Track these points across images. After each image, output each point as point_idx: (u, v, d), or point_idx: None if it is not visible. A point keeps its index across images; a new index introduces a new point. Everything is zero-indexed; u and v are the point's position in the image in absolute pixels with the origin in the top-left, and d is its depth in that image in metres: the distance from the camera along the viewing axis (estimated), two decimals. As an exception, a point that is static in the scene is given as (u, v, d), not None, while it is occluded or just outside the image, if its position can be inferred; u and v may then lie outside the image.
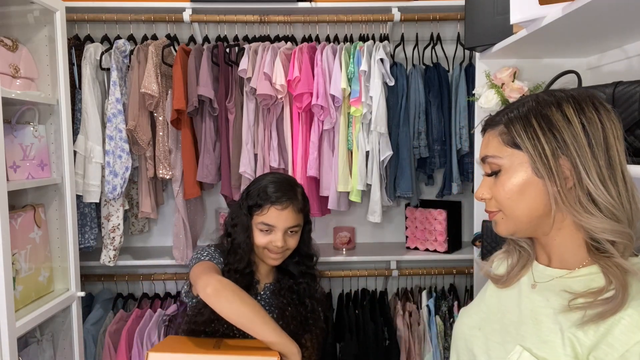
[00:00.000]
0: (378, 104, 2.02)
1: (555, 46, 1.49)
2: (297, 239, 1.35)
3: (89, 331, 2.07)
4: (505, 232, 0.81)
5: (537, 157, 0.73)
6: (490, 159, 0.79)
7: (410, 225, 2.33)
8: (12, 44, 1.64)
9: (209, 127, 2.09)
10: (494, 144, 0.79)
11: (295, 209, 1.32)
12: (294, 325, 1.33)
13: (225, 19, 2.11)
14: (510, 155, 0.77)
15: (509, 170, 0.77)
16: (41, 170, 1.71)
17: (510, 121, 0.77)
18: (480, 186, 0.82)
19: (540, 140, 0.73)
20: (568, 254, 0.78)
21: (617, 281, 0.69)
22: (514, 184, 0.76)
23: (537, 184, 0.75)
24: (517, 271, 0.86)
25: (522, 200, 0.76)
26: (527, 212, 0.76)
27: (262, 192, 1.33)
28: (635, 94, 1.03)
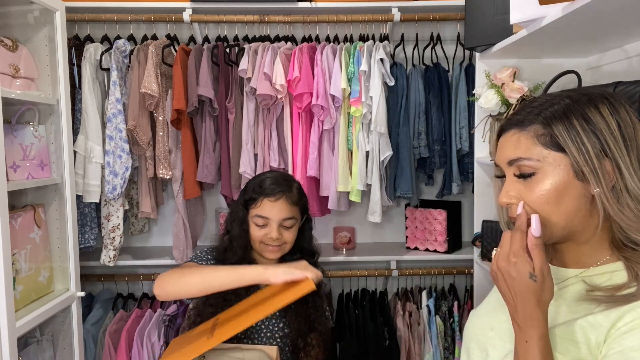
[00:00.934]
0: (378, 104, 2.02)
1: (555, 46, 1.49)
2: (293, 233, 1.36)
3: (89, 331, 2.08)
4: None
5: (581, 159, 0.70)
6: (524, 162, 0.73)
7: (410, 225, 2.33)
8: (12, 44, 1.64)
9: (209, 127, 2.09)
10: (527, 145, 0.74)
11: (289, 201, 1.33)
12: (299, 323, 1.33)
13: (225, 19, 2.11)
14: (547, 156, 0.72)
15: (547, 173, 0.72)
16: (41, 170, 1.71)
17: (548, 121, 0.73)
18: (505, 190, 0.76)
19: (584, 142, 0.70)
20: (587, 254, 0.77)
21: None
22: (552, 188, 0.72)
23: (576, 187, 0.72)
24: None
25: (560, 205, 0.72)
26: (564, 217, 0.73)
27: (257, 186, 1.36)
28: (635, 94, 1.04)
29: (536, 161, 0.73)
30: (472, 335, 0.90)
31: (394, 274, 2.27)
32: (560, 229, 0.74)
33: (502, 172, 0.79)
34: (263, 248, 1.35)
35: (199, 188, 2.12)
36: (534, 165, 0.73)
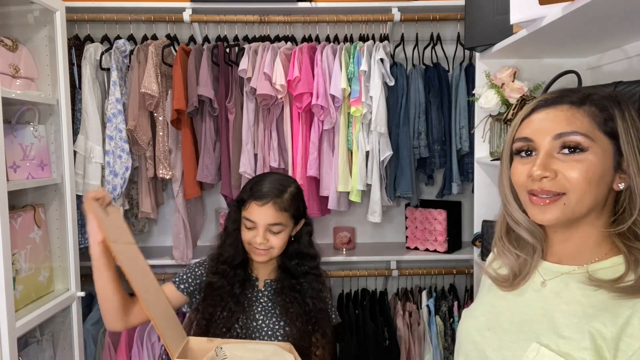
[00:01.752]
0: (378, 104, 2.02)
1: (555, 46, 1.49)
2: (281, 239, 1.33)
3: (89, 331, 2.07)
4: (555, 220, 0.74)
5: (629, 149, 0.71)
6: (578, 137, 0.72)
7: (410, 225, 2.33)
8: (12, 44, 1.64)
9: (209, 127, 2.09)
10: (583, 122, 0.72)
11: (276, 207, 1.30)
12: (301, 323, 1.33)
13: (225, 19, 2.11)
14: (599, 139, 0.72)
15: (598, 154, 0.72)
16: (41, 170, 1.71)
17: (605, 106, 0.73)
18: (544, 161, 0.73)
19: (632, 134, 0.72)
20: (587, 249, 0.77)
21: None
22: (599, 169, 0.71)
23: (610, 176, 0.73)
24: (523, 276, 0.83)
25: (596, 188, 0.72)
26: (592, 202, 0.73)
27: (249, 187, 1.35)
28: (635, 94, 1.04)
29: (590, 140, 0.72)
30: (468, 337, 0.88)
31: (394, 274, 2.27)
32: (584, 210, 0.73)
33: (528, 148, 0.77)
34: (251, 250, 1.34)
35: (199, 188, 2.12)
36: (587, 143, 0.72)
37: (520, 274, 0.83)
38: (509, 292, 0.85)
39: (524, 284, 0.83)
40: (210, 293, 1.33)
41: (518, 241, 0.85)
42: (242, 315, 1.33)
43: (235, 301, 1.32)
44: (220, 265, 1.36)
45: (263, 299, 1.38)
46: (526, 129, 0.78)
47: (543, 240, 0.83)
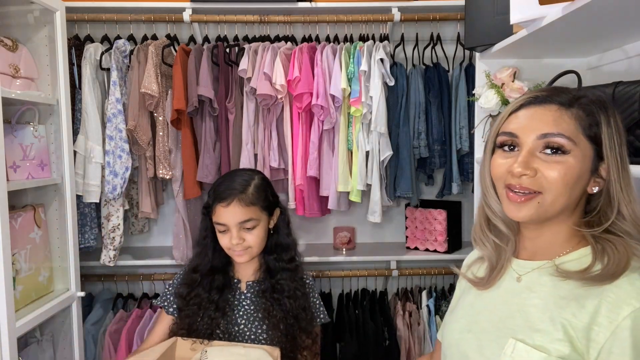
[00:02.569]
0: (378, 104, 2.02)
1: (555, 46, 1.49)
2: (257, 235, 1.30)
3: (89, 331, 2.08)
4: (528, 217, 0.77)
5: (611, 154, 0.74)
6: (563, 140, 0.73)
7: (410, 225, 2.33)
8: (12, 44, 1.64)
9: (209, 127, 2.09)
10: (569, 125, 0.74)
11: (242, 203, 1.27)
12: (283, 326, 1.30)
13: (225, 19, 2.11)
14: (581, 142, 0.74)
15: (578, 157, 0.74)
16: (41, 170, 1.71)
17: (591, 110, 0.75)
18: (525, 159, 0.75)
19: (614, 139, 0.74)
20: (557, 244, 0.79)
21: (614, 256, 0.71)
22: (577, 172, 0.73)
23: (587, 179, 0.76)
24: (497, 271, 0.85)
25: (572, 190, 0.74)
26: (565, 203, 0.75)
27: (212, 191, 1.33)
28: (635, 94, 1.04)
29: (573, 143, 0.73)
30: (452, 341, 0.89)
31: (394, 274, 2.27)
32: (557, 210, 0.76)
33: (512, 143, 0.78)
34: (231, 253, 1.32)
35: (199, 188, 2.11)
36: (568, 147, 0.73)
37: (497, 266, 0.85)
38: (486, 292, 0.87)
39: (499, 282, 0.85)
40: (185, 304, 1.32)
41: (495, 231, 0.87)
42: (222, 320, 1.31)
43: (214, 307, 1.30)
44: (192, 275, 1.35)
45: (245, 301, 1.36)
46: (512, 124, 0.79)
47: (516, 233, 0.85)
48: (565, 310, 0.72)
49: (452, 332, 0.90)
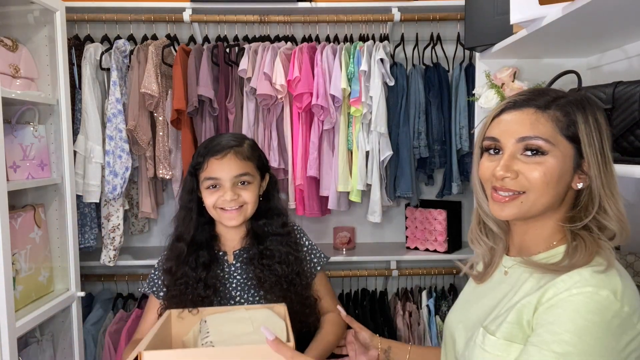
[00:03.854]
0: (378, 104, 2.02)
1: (555, 46, 1.49)
2: (252, 192, 1.23)
3: (89, 331, 2.08)
4: (512, 216, 0.81)
5: (590, 152, 0.76)
6: (539, 142, 0.77)
7: (410, 225, 2.33)
8: (12, 44, 1.64)
9: (209, 127, 2.09)
10: (546, 127, 0.77)
11: (239, 157, 1.21)
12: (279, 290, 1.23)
13: (225, 19, 2.11)
14: (560, 142, 0.77)
15: (557, 157, 0.77)
16: (41, 170, 1.71)
17: (569, 111, 0.78)
18: (507, 162, 0.79)
19: (594, 137, 0.77)
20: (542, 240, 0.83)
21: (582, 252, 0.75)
22: (557, 172, 0.77)
23: (569, 177, 0.78)
24: (491, 268, 0.91)
25: (554, 189, 0.78)
26: (549, 200, 0.78)
27: (202, 148, 1.25)
28: (635, 94, 1.04)
29: (550, 144, 0.77)
30: (449, 328, 0.96)
31: (394, 274, 2.27)
32: (540, 209, 0.79)
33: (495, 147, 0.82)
34: (221, 214, 1.22)
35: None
36: (547, 147, 0.77)
37: (490, 263, 0.91)
38: (479, 286, 0.93)
39: (491, 277, 0.91)
40: (172, 282, 1.24)
41: (488, 231, 0.92)
42: (215, 297, 1.23)
43: (203, 285, 1.22)
44: (177, 244, 1.26)
45: (237, 272, 1.29)
46: (495, 129, 0.83)
47: (507, 232, 0.90)
48: (526, 298, 0.76)
49: (450, 321, 0.97)
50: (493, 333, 0.77)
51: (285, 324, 1.02)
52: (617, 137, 1.07)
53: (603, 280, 0.70)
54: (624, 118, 1.06)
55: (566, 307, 0.70)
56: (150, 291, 1.34)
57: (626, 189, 1.49)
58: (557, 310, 0.70)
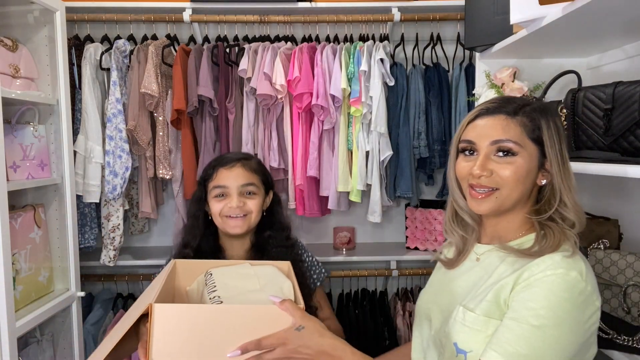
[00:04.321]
0: (378, 104, 2.02)
1: (555, 46, 1.49)
2: (257, 203, 1.30)
3: (89, 331, 2.07)
4: (488, 210, 0.92)
5: (552, 152, 0.88)
6: (510, 144, 0.88)
7: (410, 225, 2.33)
8: (12, 44, 1.64)
9: (209, 127, 2.09)
10: (515, 131, 0.89)
11: (246, 168, 1.30)
12: None
13: (225, 19, 2.11)
14: (527, 145, 0.89)
15: (525, 158, 0.88)
16: (41, 170, 1.71)
17: (534, 117, 0.89)
18: (482, 163, 0.90)
19: (555, 140, 0.89)
20: (511, 230, 0.94)
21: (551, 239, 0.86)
22: (525, 170, 0.88)
23: (534, 174, 0.90)
24: (462, 255, 1.01)
25: (523, 185, 0.89)
26: (519, 195, 0.90)
27: (213, 161, 1.35)
28: (635, 94, 1.04)
29: (519, 146, 0.88)
30: (422, 310, 1.05)
31: (394, 274, 2.27)
32: (512, 203, 0.91)
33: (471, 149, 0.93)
34: (226, 223, 1.28)
35: (199, 188, 2.11)
36: (517, 149, 0.88)
37: (463, 251, 1.01)
38: (451, 270, 1.02)
39: (463, 263, 1.01)
40: None
41: (462, 223, 1.02)
42: None
43: None
44: (183, 251, 1.30)
45: None
46: (470, 132, 0.94)
47: (479, 223, 1.01)
48: (502, 280, 0.86)
49: (422, 301, 1.07)
50: (473, 310, 0.87)
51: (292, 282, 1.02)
52: (617, 137, 1.07)
53: (571, 264, 0.82)
54: (624, 118, 1.06)
55: (541, 286, 0.80)
56: None
57: (626, 189, 1.49)
58: (533, 289, 0.81)
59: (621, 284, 1.17)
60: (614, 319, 1.16)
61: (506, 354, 0.79)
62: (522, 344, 0.78)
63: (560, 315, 0.78)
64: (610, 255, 1.20)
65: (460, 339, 0.87)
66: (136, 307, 0.96)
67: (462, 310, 0.89)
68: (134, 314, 0.92)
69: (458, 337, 0.88)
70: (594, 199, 1.63)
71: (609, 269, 1.19)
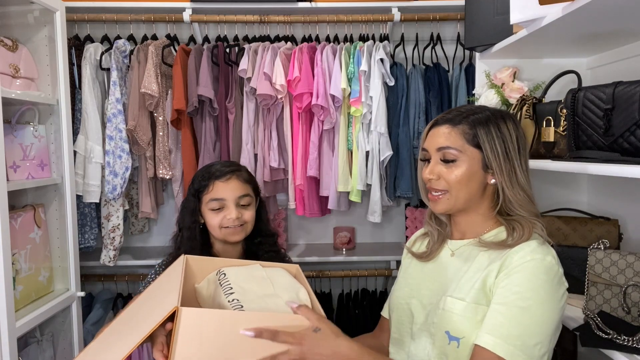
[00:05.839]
0: (378, 104, 2.02)
1: (555, 46, 1.49)
2: (252, 212, 1.35)
3: (89, 331, 2.08)
4: (443, 210, 1.02)
5: (492, 156, 0.98)
6: (451, 150, 0.99)
7: (410, 225, 2.33)
8: (12, 44, 1.64)
9: (209, 127, 2.09)
10: (456, 139, 0.99)
11: (240, 179, 1.33)
12: None
13: (225, 19, 2.12)
14: (467, 150, 0.98)
15: (465, 162, 0.98)
16: (41, 170, 1.71)
17: (474, 124, 0.99)
18: (430, 168, 1.01)
19: (496, 144, 0.98)
20: (478, 225, 1.04)
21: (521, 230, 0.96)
22: (467, 173, 0.99)
23: (480, 176, 0.99)
24: (437, 247, 1.09)
25: (467, 186, 0.99)
26: (467, 195, 1.00)
27: (205, 172, 1.36)
28: (635, 94, 1.03)
29: (459, 152, 0.98)
30: (398, 306, 1.11)
31: (394, 274, 2.27)
32: (463, 202, 1.01)
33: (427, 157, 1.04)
34: (224, 232, 1.32)
35: (199, 188, 2.11)
36: (456, 154, 0.99)
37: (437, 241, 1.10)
38: (427, 264, 1.09)
39: (437, 257, 1.08)
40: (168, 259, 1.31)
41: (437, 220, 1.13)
42: None
43: None
44: None
45: None
46: (426, 141, 1.05)
47: (450, 220, 1.10)
48: (484, 270, 0.95)
49: (398, 298, 1.12)
50: (462, 299, 0.94)
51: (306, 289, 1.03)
52: (617, 137, 1.07)
53: (545, 250, 0.93)
54: (624, 118, 1.06)
55: (523, 271, 0.90)
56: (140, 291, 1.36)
57: (626, 189, 1.49)
58: (517, 274, 0.90)
59: (621, 284, 1.16)
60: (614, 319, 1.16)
61: (501, 336, 0.87)
62: (513, 325, 0.87)
63: (542, 295, 0.89)
64: (610, 255, 1.20)
65: (451, 327, 0.94)
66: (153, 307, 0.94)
67: (451, 300, 0.96)
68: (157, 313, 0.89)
69: (449, 325, 0.95)
70: (594, 199, 1.63)
71: (609, 269, 1.19)
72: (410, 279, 1.12)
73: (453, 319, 0.94)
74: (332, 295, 2.36)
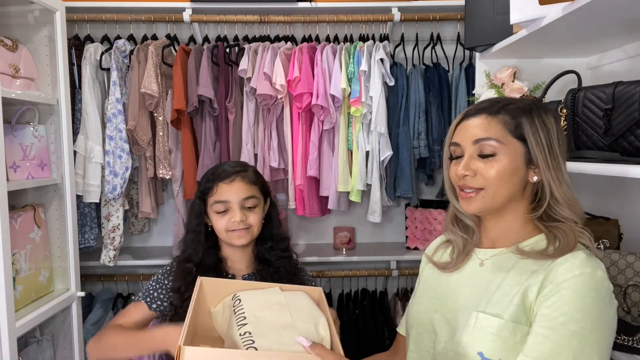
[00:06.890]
0: (378, 104, 2.02)
1: (555, 46, 1.49)
2: (258, 216, 1.31)
3: (89, 331, 2.07)
4: (478, 210, 0.91)
5: (537, 149, 0.87)
6: (491, 142, 0.88)
7: (410, 225, 2.33)
8: (12, 44, 1.64)
9: (209, 127, 2.09)
10: (497, 129, 0.88)
11: (245, 181, 1.29)
12: None
13: (225, 19, 2.12)
14: (511, 142, 0.88)
15: (507, 155, 0.87)
16: (41, 170, 1.71)
17: (516, 114, 0.88)
18: (466, 163, 0.90)
19: (540, 136, 0.87)
20: (513, 231, 0.92)
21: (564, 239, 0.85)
22: (509, 168, 0.87)
23: (522, 171, 0.89)
24: (463, 257, 0.98)
25: (509, 183, 0.88)
26: (507, 194, 0.89)
27: (210, 174, 1.33)
28: (635, 94, 1.03)
29: (501, 143, 0.87)
30: (418, 320, 1.00)
31: (394, 274, 2.27)
32: (501, 201, 0.89)
33: (457, 153, 0.93)
34: (230, 236, 1.29)
35: (199, 188, 2.11)
36: (497, 147, 0.88)
37: (463, 251, 0.98)
38: (451, 275, 0.98)
39: (464, 267, 0.97)
40: (181, 301, 1.26)
41: (462, 224, 1.01)
42: None
43: None
44: (185, 265, 1.30)
45: None
46: (457, 135, 0.94)
47: (479, 225, 0.98)
48: (523, 283, 0.84)
49: (418, 313, 1.01)
50: (499, 316, 0.83)
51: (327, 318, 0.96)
52: (617, 137, 1.07)
53: (594, 262, 0.81)
54: (624, 118, 1.06)
55: (572, 288, 0.78)
56: (144, 300, 1.34)
57: (626, 189, 1.49)
58: (564, 292, 0.78)
59: (621, 284, 1.17)
60: (614, 319, 1.16)
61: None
62: (564, 352, 0.76)
63: (595, 316, 0.77)
64: (610, 255, 1.20)
65: (486, 348, 0.82)
66: None
67: (484, 317, 0.84)
68: None
69: (483, 346, 0.83)
70: (594, 199, 1.63)
71: (609, 269, 1.19)
72: (433, 292, 1.00)
73: (487, 339, 0.83)
74: (332, 295, 2.36)
